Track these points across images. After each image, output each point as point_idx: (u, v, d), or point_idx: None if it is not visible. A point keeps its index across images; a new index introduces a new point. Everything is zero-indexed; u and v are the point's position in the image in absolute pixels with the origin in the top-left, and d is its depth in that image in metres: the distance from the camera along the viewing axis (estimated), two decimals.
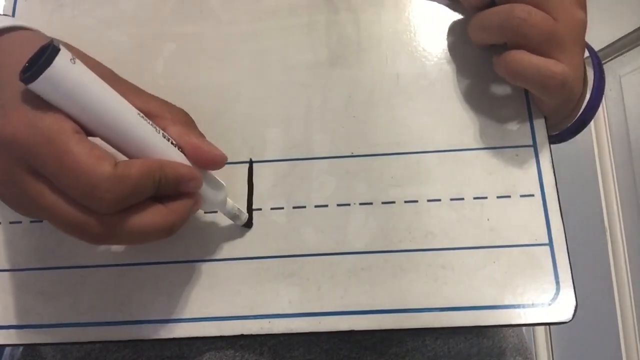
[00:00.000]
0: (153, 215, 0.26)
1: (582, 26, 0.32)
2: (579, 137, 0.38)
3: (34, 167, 0.24)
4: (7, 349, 0.41)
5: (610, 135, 1.31)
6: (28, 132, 0.24)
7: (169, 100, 0.30)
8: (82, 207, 0.25)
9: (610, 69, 1.31)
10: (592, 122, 1.29)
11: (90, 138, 0.25)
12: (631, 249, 1.24)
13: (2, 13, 0.37)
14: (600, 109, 1.33)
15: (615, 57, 1.31)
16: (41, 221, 0.34)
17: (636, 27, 1.25)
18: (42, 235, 0.33)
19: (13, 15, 0.38)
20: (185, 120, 0.30)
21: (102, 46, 0.36)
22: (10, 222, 0.34)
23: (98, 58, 0.29)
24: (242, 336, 0.34)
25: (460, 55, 0.36)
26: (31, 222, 0.34)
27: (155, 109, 0.28)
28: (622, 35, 1.27)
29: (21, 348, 0.40)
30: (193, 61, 0.37)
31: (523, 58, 0.31)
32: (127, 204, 0.25)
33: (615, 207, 1.28)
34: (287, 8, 0.37)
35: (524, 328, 0.50)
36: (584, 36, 0.32)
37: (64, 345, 0.37)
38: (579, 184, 1.31)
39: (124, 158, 0.26)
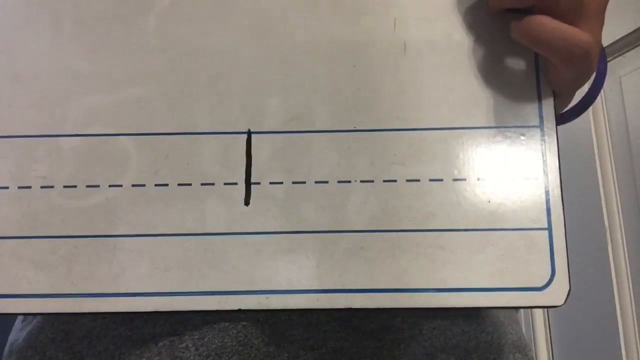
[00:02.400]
0: None
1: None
2: (579, 136, 0.38)
3: None
4: (11, 336, 0.40)
5: (610, 135, 1.30)
6: None
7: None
8: None
9: (610, 69, 1.31)
10: (592, 122, 1.29)
11: None
12: (631, 249, 1.24)
13: None
14: (600, 109, 1.33)
15: (615, 57, 1.30)
16: (30, 187, 0.33)
17: (636, 27, 1.25)
18: (32, 203, 0.32)
19: None
20: None
21: (83, 0, 0.34)
22: None
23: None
24: (242, 315, 0.34)
25: (472, 25, 0.34)
26: (19, 187, 0.33)
27: None
28: (622, 35, 1.27)
29: (23, 336, 0.39)
30: (188, 18, 0.34)
31: (548, 23, 0.30)
32: None
33: (615, 207, 1.27)
34: None
35: (523, 325, 0.50)
36: (605, 10, 0.32)
37: (65, 327, 0.36)
38: (578, 184, 1.30)
39: None
